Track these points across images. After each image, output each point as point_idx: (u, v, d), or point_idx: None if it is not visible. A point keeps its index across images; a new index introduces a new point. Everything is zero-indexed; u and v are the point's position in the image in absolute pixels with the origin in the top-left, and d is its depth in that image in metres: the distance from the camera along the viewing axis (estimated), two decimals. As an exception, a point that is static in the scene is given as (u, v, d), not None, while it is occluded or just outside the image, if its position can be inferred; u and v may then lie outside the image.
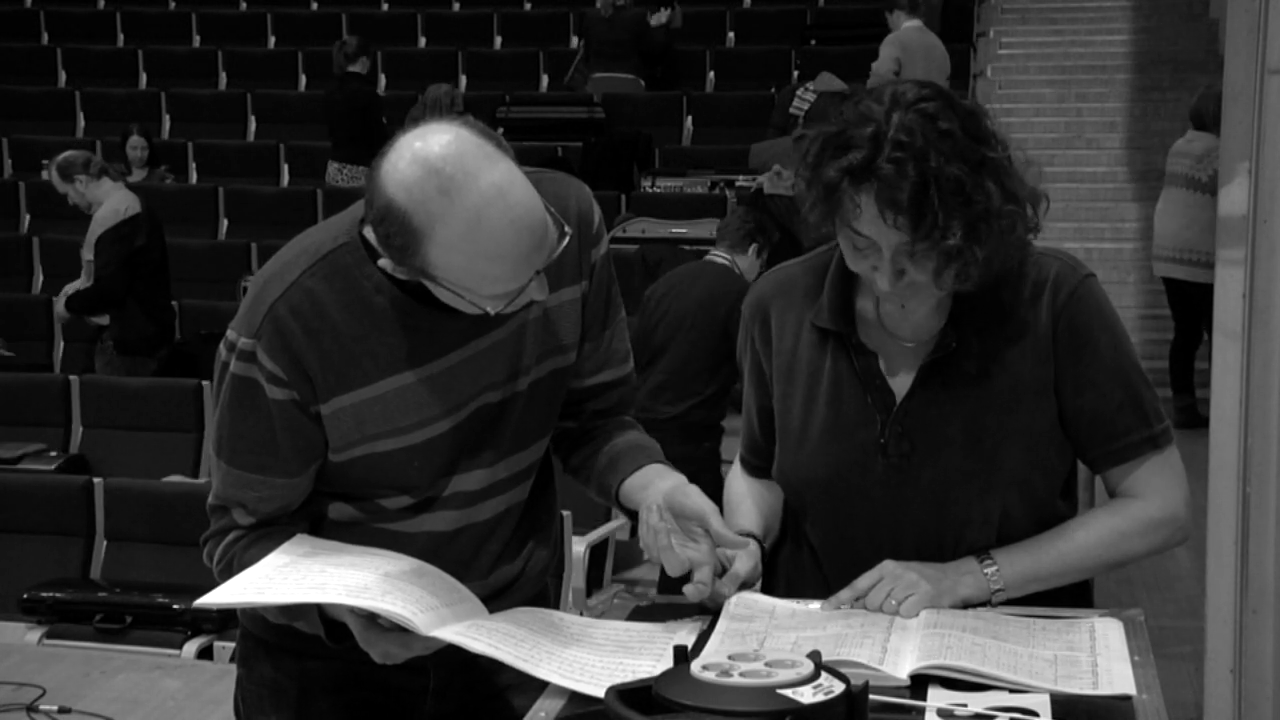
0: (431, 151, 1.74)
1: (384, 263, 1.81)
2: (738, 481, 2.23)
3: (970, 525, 1.99)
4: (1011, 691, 1.67)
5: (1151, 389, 2.05)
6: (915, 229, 1.83)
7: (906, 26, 9.29)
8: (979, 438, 1.98)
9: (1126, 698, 1.67)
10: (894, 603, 1.89)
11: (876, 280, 1.92)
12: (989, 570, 1.95)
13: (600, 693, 1.59)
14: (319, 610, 1.87)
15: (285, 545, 1.91)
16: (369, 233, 1.88)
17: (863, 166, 1.84)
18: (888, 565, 1.94)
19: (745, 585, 1.96)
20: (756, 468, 2.20)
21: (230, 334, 1.91)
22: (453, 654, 1.79)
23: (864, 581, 1.94)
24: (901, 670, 1.70)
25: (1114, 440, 2.01)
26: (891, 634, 1.83)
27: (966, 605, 1.93)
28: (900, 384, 2.01)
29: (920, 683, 1.69)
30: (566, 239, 1.83)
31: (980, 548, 1.99)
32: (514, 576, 2.07)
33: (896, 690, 1.67)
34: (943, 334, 1.99)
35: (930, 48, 9.24)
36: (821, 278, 2.06)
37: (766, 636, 1.84)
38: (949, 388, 1.99)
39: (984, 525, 1.99)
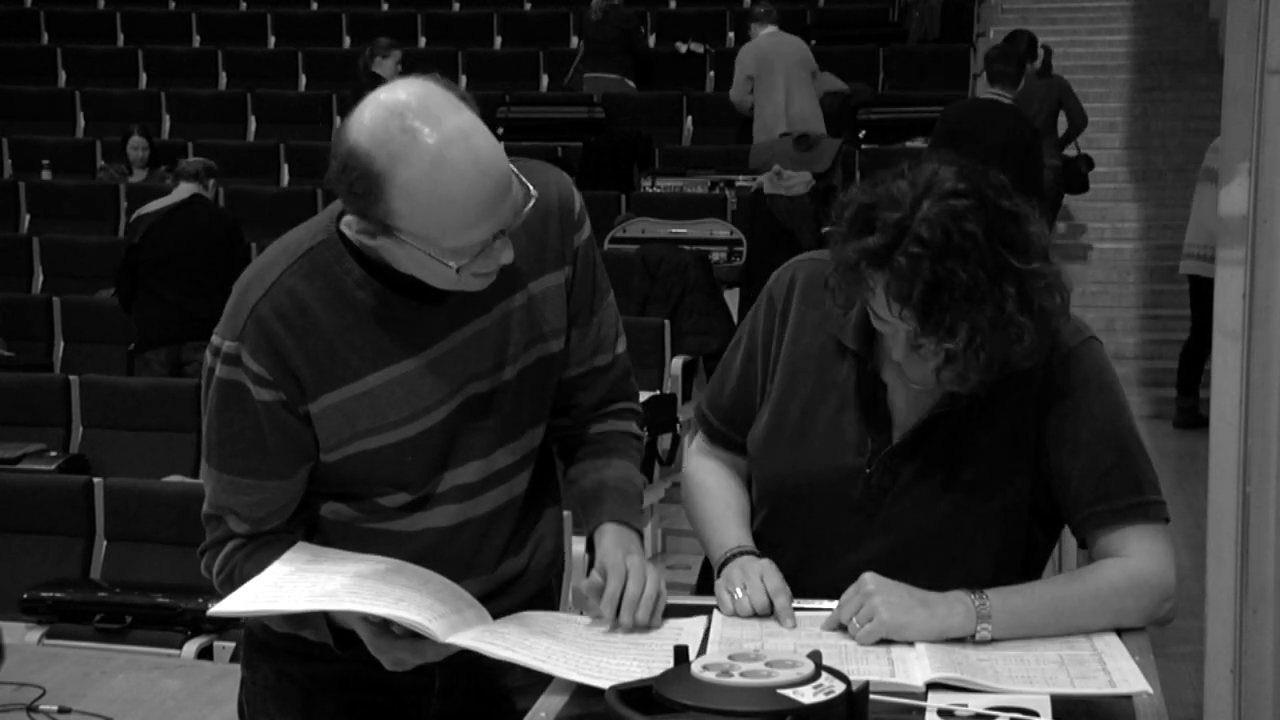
0: (397, 98, 1.75)
1: (349, 219, 1.81)
2: (709, 476, 2.18)
3: (925, 569, 1.94)
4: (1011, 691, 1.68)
5: (1148, 462, 1.99)
6: (922, 325, 1.82)
7: (760, 35, 9.42)
8: (955, 495, 1.97)
9: (1135, 695, 1.67)
10: (857, 624, 1.85)
11: (891, 347, 1.92)
12: (978, 602, 1.86)
13: (615, 690, 1.59)
14: (326, 618, 1.87)
15: (287, 554, 1.91)
16: (345, 226, 1.88)
17: (879, 254, 1.83)
18: (866, 581, 1.88)
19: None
20: (718, 434, 2.18)
21: (215, 339, 1.91)
22: (458, 656, 1.79)
23: (846, 595, 1.90)
24: (916, 678, 1.70)
25: (1100, 503, 1.96)
26: (892, 644, 1.82)
27: (947, 637, 1.84)
28: (902, 423, 2.01)
29: (920, 682, 1.70)
30: (532, 201, 1.83)
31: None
32: (520, 570, 2.06)
33: (897, 690, 1.67)
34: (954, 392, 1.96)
35: (781, 46, 9.38)
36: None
37: (763, 644, 1.84)
38: (945, 440, 1.98)
39: (936, 574, 1.93)
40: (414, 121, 1.72)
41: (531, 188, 1.83)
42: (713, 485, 2.17)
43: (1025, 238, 1.85)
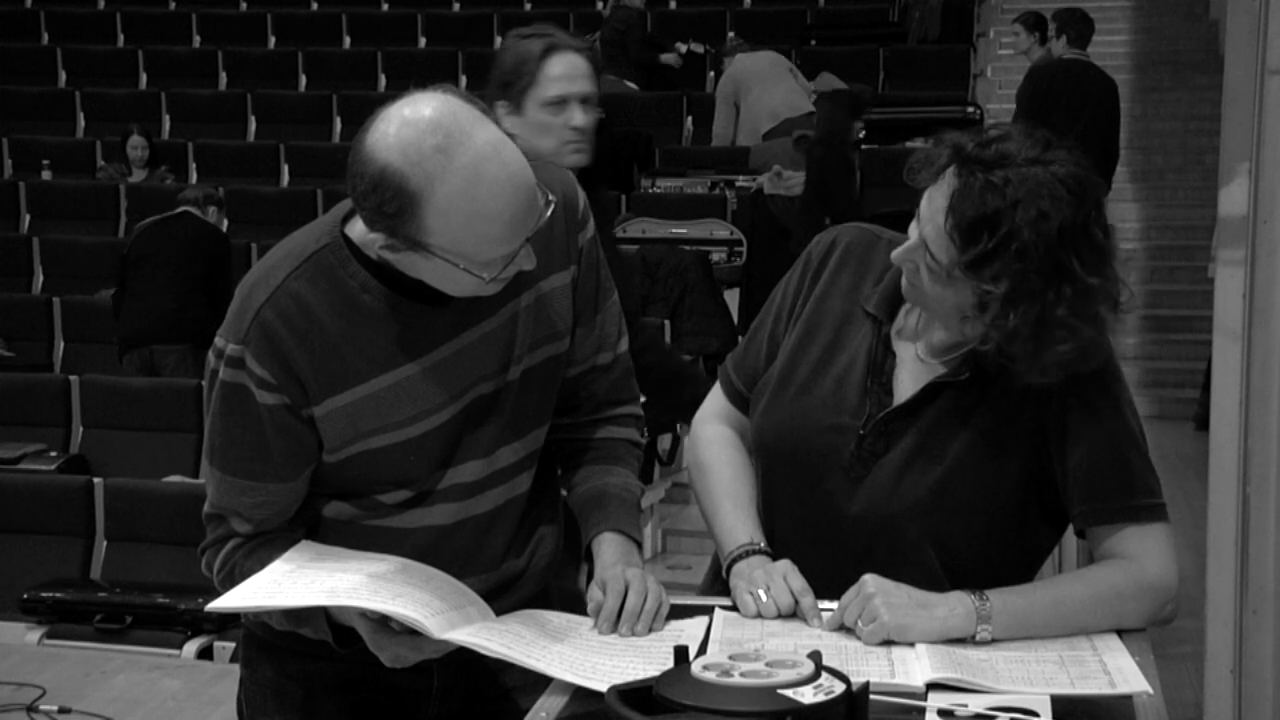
0: (423, 114, 1.74)
1: (375, 237, 1.80)
2: (720, 452, 2.16)
3: (901, 542, 1.96)
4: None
5: (1149, 464, 1.99)
6: (962, 250, 1.84)
7: (733, 62, 9.50)
8: (942, 471, 1.97)
9: (1135, 695, 1.67)
10: (862, 625, 1.85)
11: (904, 276, 1.94)
12: (979, 603, 1.86)
13: (610, 691, 1.59)
14: (326, 615, 1.87)
15: (288, 553, 1.91)
16: (351, 230, 1.88)
17: (966, 159, 1.85)
18: (867, 582, 1.88)
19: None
20: (736, 394, 2.18)
21: (218, 341, 1.90)
22: (457, 654, 1.79)
23: (846, 597, 1.90)
24: (916, 678, 1.70)
25: (1093, 500, 1.96)
26: (892, 645, 1.82)
27: (948, 638, 1.84)
28: (903, 393, 2.02)
29: (920, 682, 1.70)
30: (552, 207, 1.83)
31: (914, 570, 1.92)
32: (519, 571, 2.06)
33: (897, 690, 1.67)
34: (960, 362, 1.99)
35: (754, 60, 9.56)
36: (888, 265, 2.05)
37: (763, 644, 1.84)
38: (942, 413, 1.99)
39: (915, 549, 1.95)
40: (446, 140, 1.72)
41: (549, 193, 1.84)
42: (721, 466, 2.16)
43: (1096, 262, 1.86)
